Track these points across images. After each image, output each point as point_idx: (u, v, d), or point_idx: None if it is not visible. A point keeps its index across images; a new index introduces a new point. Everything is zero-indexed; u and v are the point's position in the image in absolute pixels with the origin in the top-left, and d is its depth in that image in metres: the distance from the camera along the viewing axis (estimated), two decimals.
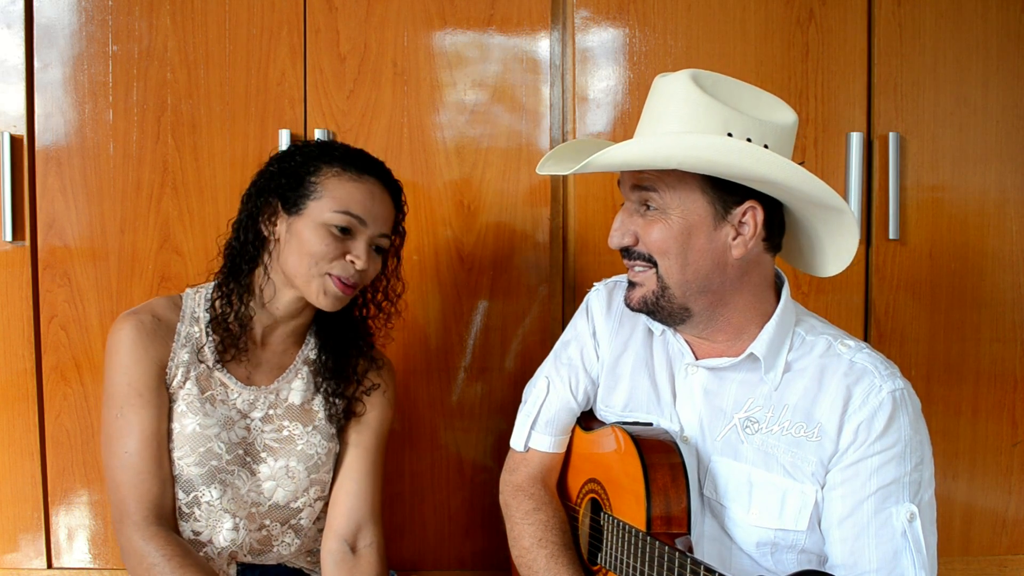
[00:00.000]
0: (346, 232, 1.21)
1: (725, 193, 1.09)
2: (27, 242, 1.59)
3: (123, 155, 1.60)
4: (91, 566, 1.63)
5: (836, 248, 1.16)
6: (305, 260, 1.20)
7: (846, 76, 1.65)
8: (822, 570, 0.89)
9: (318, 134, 1.58)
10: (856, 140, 1.62)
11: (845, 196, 1.63)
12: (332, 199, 1.21)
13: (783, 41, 1.64)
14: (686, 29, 1.63)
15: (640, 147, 1.05)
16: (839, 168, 1.64)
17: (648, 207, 1.11)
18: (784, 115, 1.10)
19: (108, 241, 1.60)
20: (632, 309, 1.17)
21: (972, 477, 1.70)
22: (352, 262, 1.21)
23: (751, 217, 1.09)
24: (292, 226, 1.22)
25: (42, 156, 1.59)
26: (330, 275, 1.21)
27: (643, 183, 1.11)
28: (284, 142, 1.58)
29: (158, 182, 1.60)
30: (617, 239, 1.14)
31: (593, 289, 1.36)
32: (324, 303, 1.22)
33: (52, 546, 1.62)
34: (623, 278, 1.34)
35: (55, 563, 1.63)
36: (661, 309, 1.14)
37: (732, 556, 1.13)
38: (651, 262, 1.12)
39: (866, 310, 1.68)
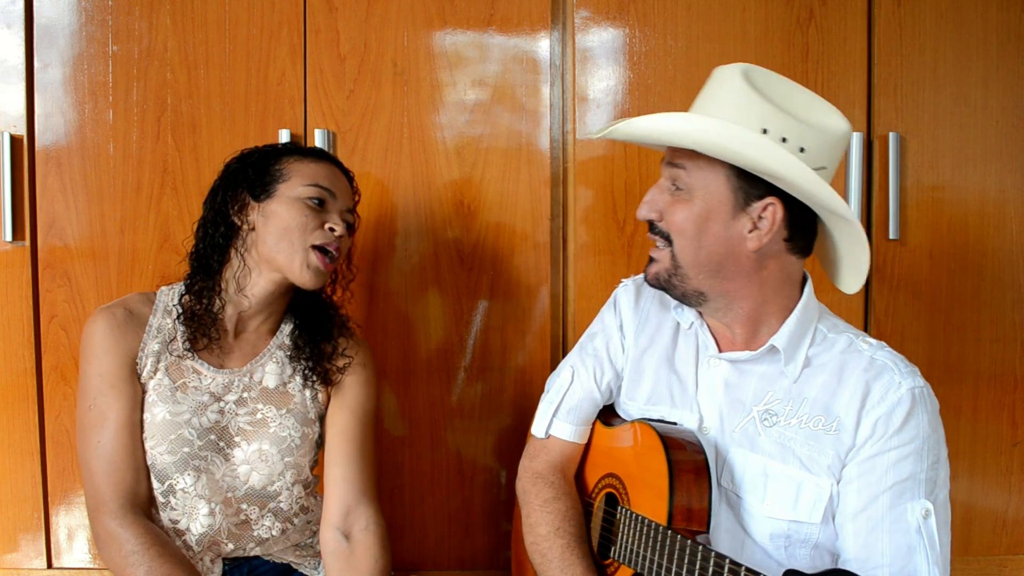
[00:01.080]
0: (321, 204, 1.27)
1: (749, 186, 1.10)
2: (27, 242, 1.59)
3: (123, 155, 1.60)
4: (91, 566, 1.63)
5: (852, 260, 1.17)
6: (286, 236, 1.24)
7: (846, 76, 1.65)
8: (851, 571, 0.89)
9: (318, 134, 1.58)
10: (856, 140, 1.62)
11: (845, 196, 1.63)
12: (301, 176, 1.27)
13: (783, 41, 1.64)
14: (686, 29, 1.63)
15: (660, 121, 1.09)
16: (839, 168, 1.64)
17: (676, 187, 1.14)
18: (834, 122, 1.11)
19: (108, 241, 1.60)
20: (648, 284, 1.21)
21: (972, 477, 1.70)
22: (331, 228, 1.26)
23: (770, 214, 1.10)
24: (265, 210, 1.26)
25: (42, 156, 1.59)
26: (313, 248, 1.25)
27: (675, 161, 1.14)
28: (284, 142, 1.58)
29: (158, 182, 1.60)
30: (644, 212, 1.17)
31: (622, 285, 1.37)
32: (307, 277, 1.25)
33: (52, 546, 1.62)
34: None
35: (55, 563, 1.63)
36: (673, 288, 1.17)
37: (745, 549, 1.14)
38: (669, 240, 1.15)
39: (866, 310, 1.68)
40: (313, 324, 1.36)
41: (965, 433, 1.69)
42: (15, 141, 1.57)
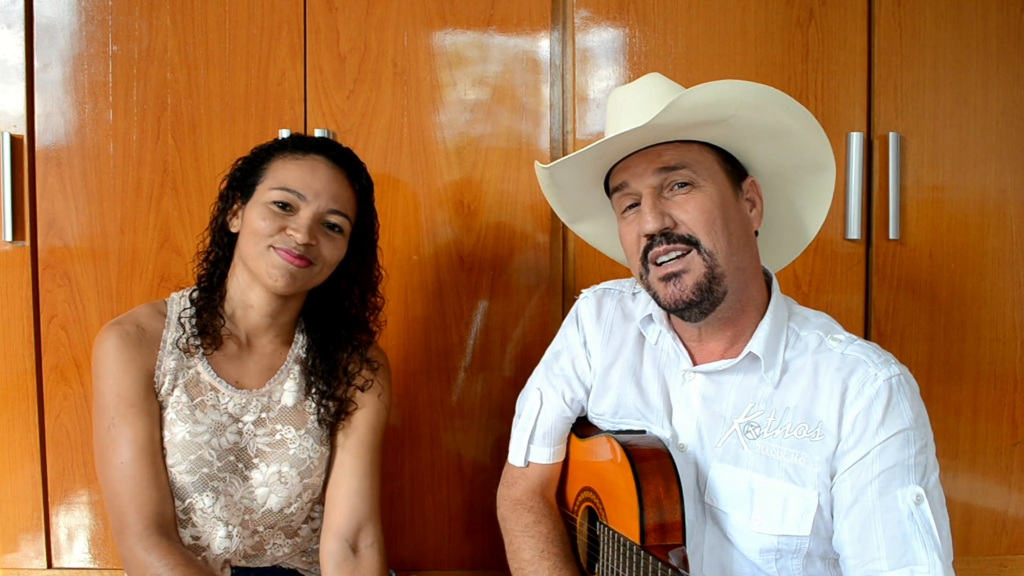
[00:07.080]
0: (286, 208, 1.21)
1: (731, 166, 1.13)
2: (27, 242, 1.59)
3: (123, 155, 1.60)
4: (91, 566, 1.63)
5: (815, 200, 1.19)
6: (251, 240, 1.21)
7: (846, 76, 1.65)
8: None
9: (318, 134, 1.57)
10: (856, 140, 1.62)
11: (845, 196, 1.63)
12: (272, 178, 1.22)
13: (783, 41, 1.64)
14: (686, 29, 1.63)
15: (734, 85, 1.05)
16: (839, 168, 1.63)
17: (678, 186, 1.09)
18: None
19: (108, 241, 1.60)
20: (682, 304, 1.09)
21: (972, 477, 1.70)
22: (291, 235, 1.19)
23: (754, 191, 1.13)
24: (244, 213, 1.24)
25: (42, 156, 1.59)
26: (273, 248, 1.20)
27: (669, 163, 1.10)
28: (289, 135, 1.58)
29: (158, 182, 1.60)
30: (654, 223, 1.07)
31: (581, 297, 1.34)
32: (274, 277, 1.20)
33: (52, 546, 1.62)
34: (612, 284, 1.33)
35: (55, 563, 1.63)
36: (714, 294, 1.08)
37: (734, 563, 1.12)
38: (690, 243, 1.08)
39: (866, 310, 1.68)
40: (327, 344, 1.31)
41: (965, 433, 1.69)
42: (15, 141, 1.57)
